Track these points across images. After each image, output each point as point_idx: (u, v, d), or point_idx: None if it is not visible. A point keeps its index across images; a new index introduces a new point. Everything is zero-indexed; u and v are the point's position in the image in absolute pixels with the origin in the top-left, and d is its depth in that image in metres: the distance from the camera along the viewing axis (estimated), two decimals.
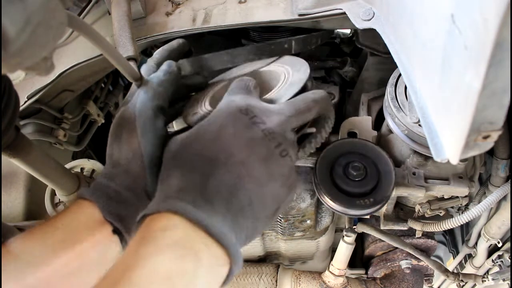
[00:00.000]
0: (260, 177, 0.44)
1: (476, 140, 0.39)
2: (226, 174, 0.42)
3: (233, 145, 0.44)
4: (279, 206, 0.46)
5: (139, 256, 0.35)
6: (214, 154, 0.43)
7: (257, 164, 0.44)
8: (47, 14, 0.34)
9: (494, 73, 0.32)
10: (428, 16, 0.43)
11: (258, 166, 0.44)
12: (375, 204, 0.60)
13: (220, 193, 0.41)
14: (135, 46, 0.62)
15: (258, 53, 0.69)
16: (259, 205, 0.43)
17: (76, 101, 0.93)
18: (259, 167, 0.44)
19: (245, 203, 0.42)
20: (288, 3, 0.69)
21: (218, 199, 0.41)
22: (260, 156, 0.44)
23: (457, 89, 0.38)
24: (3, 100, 0.44)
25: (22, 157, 0.52)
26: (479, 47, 0.31)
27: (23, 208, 0.76)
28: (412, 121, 0.60)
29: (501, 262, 0.82)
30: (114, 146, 0.52)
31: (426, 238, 0.98)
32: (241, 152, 0.43)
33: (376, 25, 0.58)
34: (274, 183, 0.44)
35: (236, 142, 0.44)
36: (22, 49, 0.33)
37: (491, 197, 0.67)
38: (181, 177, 0.42)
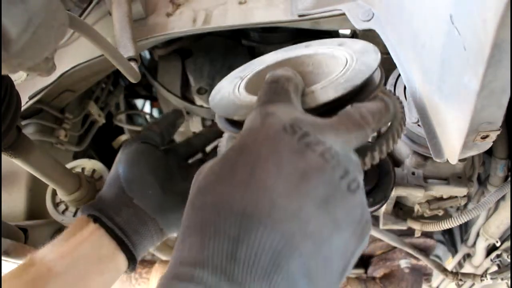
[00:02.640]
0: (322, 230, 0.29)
1: (475, 140, 0.39)
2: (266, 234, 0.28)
3: (276, 187, 0.29)
4: (348, 263, 0.31)
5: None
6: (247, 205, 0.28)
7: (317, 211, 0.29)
8: (49, 15, 0.35)
9: (493, 74, 0.32)
10: (427, 16, 0.43)
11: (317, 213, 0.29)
12: (375, 204, 0.60)
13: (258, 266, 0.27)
14: (135, 46, 0.62)
15: None
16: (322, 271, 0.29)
17: (77, 101, 0.93)
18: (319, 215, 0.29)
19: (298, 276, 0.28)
20: (288, 4, 0.69)
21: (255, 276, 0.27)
22: (319, 198, 0.29)
23: (456, 90, 0.38)
24: (4, 101, 0.44)
25: (23, 157, 0.52)
26: (478, 47, 0.32)
27: (24, 207, 0.76)
28: (411, 121, 0.61)
29: (500, 262, 0.82)
30: None
31: (425, 237, 0.98)
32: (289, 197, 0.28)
33: (376, 26, 0.58)
34: (341, 233, 0.30)
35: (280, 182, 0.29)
36: (23, 49, 0.33)
37: (490, 196, 0.67)
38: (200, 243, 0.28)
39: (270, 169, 0.29)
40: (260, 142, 0.31)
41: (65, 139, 0.85)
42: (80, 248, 0.49)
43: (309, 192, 0.29)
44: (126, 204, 0.54)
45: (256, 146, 0.31)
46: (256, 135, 0.31)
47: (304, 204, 0.28)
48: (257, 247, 0.27)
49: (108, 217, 0.52)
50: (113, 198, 0.55)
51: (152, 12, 0.75)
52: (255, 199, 0.28)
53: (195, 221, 0.30)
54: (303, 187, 0.29)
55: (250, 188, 0.29)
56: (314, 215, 0.28)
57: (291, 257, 0.27)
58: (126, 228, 0.53)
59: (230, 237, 0.27)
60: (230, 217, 0.28)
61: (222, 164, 0.31)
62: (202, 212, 0.30)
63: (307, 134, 0.31)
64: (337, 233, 0.29)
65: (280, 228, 0.27)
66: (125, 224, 0.53)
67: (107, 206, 0.54)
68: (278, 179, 0.29)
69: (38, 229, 0.68)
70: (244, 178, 0.29)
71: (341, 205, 0.30)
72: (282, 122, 0.31)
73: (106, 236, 0.51)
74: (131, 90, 1.30)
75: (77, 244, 0.49)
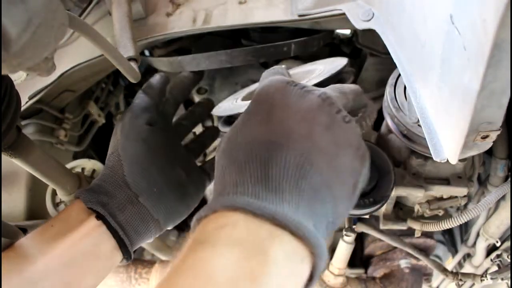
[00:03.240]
0: (330, 149, 0.36)
1: (475, 140, 0.39)
2: (290, 155, 0.35)
3: (290, 119, 0.37)
4: (357, 181, 0.38)
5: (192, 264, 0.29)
6: (270, 135, 0.36)
7: (322, 134, 0.37)
8: (49, 15, 0.35)
9: (493, 74, 0.32)
10: (427, 16, 0.43)
11: (324, 136, 0.37)
12: (375, 204, 0.60)
13: (287, 179, 0.34)
14: (135, 46, 0.62)
15: (256, 55, 0.69)
16: (335, 182, 0.36)
17: (77, 101, 0.93)
18: (325, 138, 0.37)
19: (318, 184, 0.35)
20: (288, 4, 0.69)
21: (286, 186, 0.33)
22: (323, 124, 0.37)
23: (456, 89, 0.38)
24: (4, 101, 0.44)
25: (23, 157, 0.52)
26: (478, 47, 0.32)
27: (24, 207, 0.76)
28: (411, 121, 0.61)
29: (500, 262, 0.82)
30: None
31: (425, 237, 0.98)
32: (300, 125, 0.37)
33: (376, 26, 0.58)
34: (345, 154, 0.37)
35: (292, 115, 0.37)
36: (23, 49, 0.33)
37: (490, 196, 0.67)
38: (237, 170, 0.35)
39: (283, 108, 0.38)
40: (272, 93, 0.40)
41: (65, 139, 0.85)
42: (79, 245, 0.48)
43: (314, 120, 0.37)
44: (131, 201, 0.52)
45: (269, 96, 0.39)
46: (267, 89, 0.40)
47: (312, 129, 0.36)
48: (283, 163, 0.34)
49: (112, 214, 0.50)
50: (117, 191, 0.52)
51: (152, 12, 0.75)
52: (275, 130, 0.37)
53: (230, 160, 0.37)
54: (310, 117, 0.37)
55: (270, 123, 0.37)
56: (321, 137, 0.36)
57: (311, 170, 0.35)
58: (127, 228, 0.51)
59: (262, 161, 0.35)
60: (259, 146, 0.36)
61: (244, 116, 0.40)
62: (236, 151, 0.37)
63: (305, 86, 0.40)
64: (342, 152, 0.37)
65: (298, 147, 0.35)
66: (127, 223, 0.51)
67: (111, 201, 0.51)
68: (290, 114, 0.37)
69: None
70: (265, 117, 0.38)
71: (340, 131, 0.38)
72: (286, 80, 0.41)
73: (106, 233, 0.50)
74: (131, 90, 1.30)
75: (77, 241, 0.48)
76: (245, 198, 0.32)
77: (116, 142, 0.57)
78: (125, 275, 0.95)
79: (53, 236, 0.48)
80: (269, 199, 0.32)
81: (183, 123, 0.70)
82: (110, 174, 0.54)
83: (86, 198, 0.51)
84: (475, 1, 0.31)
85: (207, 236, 0.30)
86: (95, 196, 0.51)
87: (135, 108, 0.60)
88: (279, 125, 0.37)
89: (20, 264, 0.44)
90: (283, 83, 0.40)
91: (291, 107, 0.38)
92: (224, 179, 0.36)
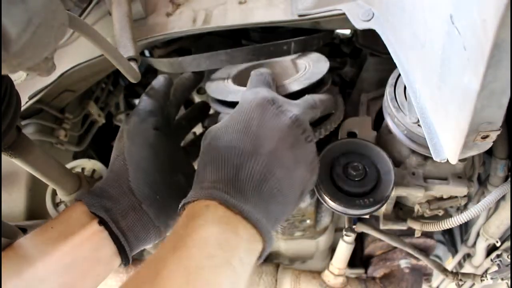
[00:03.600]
0: (288, 164, 0.46)
1: (475, 140, 0.39)
2: (256, 164, 0.45)
3: (262, 135, 0.46)
4: (304, 189, 0.49)
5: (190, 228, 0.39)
6: (244, 145, 0.46)
7: (286, 151, 0.46)
8: (49, 14, 0.35)
9: (493, 74, 0.32)
10: (427, 16, 0.43)
11: (286, 153, 0.46)
12: (375, 204, 0.60)
13: (251, 183, 0.44)
14: (135, 46, 0.62)
15: (257, 54, 0.69)
16: (288, 190, 0.46)
17: (77, 101, 0.93)
18: (287, 155, 0.46)
19: (275, 191, 0.45)
20: (288, 4, 0.69)
21: (250, 189, 0.44)
22: (287, 143, 0.47)
23: (456, 90, 0.38)
24: (4, 101, 0.44)
25: (23, 157, 0.52)
26: (478, 47, 0.32)
27: (24, 207, 0.76)
28: (411, 121, 0.61)
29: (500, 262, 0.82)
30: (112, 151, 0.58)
31: (425, 237, 0.98)
32: (270, 141, 0.46)
33: (376, 26, 0.58)
34: (300, 168, 0.48)
35: (265, 131, 0.47)
36: (23, 49, 0.33)
37: (490, 196, 0.67)
38: (215, 170, 0.45)
39: (259, 123, 0.47)
40: (253, 107, 0.48)
41: (65, 139, 0.85)
42: (80, 249, 0.47)
43: (282, 139, 0.47)
44: (134, 208, 0.52)
45: (250, 110, 0.48)
46: (250, 103, 0.49)
47: (278, 146, 0.46)
48: (250, 170, 0.44)
49: (114, 220, 0.50)
50: (121, 197, 0.52)
51: (152, 12, 0.75)
52: (249, 141, 0.46)
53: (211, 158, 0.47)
54: (278, 136, 0.46)
55: (246, 134, 0.46)
56: (285, 154, 0.46)
57: (271, 178, 0.45)
58: (128, 234, 0.51)
59: (234, 165, 0.45)
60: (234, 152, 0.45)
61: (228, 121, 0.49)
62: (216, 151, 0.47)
63: (282, 106, 0.49)
64: (298, 167, 0.47)
65: (264, 159, 0.45)
66: (129, 229, 0.51)
67: (115, 206, 0.51)
68: (263, 130, 0.47)
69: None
70: (243, 128, 0.47)
71: (301, 150, 0.48)
72: (267, 97, 0.50)
73: (108, 239, 0.50)
74: (131, 90, 1.30)
75: (78, 245, 0.47)
76: (220, 193, 0.42)
77: (121, 146, 0.57)
78: (125, 275, 0.95)
79: (54, 238, 0.47)
80: (237, 198, 0.42)
81: (183, 123, 0.71)
82: (114, 178, 0.53)
83: (89, 202, 0.50)
84: (475, 1, 0.31)
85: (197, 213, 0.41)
86: (98, 200, 0.51)
87: (141, 112, 0.60)
88: (253, 138, 0.46)
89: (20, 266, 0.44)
90: (264, 100, 0.49)
91: (266, 124, 0.47)
92: (205, 172, 0.46)
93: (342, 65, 0.97)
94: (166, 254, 0.38)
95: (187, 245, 0.38)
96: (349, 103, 0.90)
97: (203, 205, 0.41)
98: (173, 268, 0.36)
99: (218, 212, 0.41)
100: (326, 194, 0.61)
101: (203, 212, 0.41)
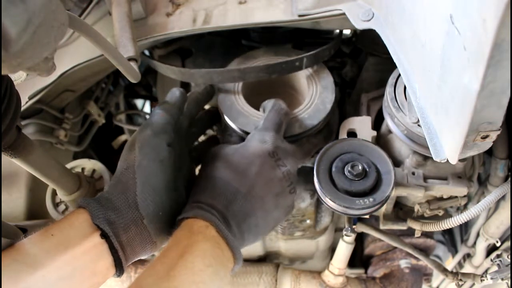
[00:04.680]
0: (269, 208, 0.57)
1: (475, 140, 0.39)
2: (244, 204, 0.55)
3: (256, 181, 0.56)
4: (276, 225, 0.61)
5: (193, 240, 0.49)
6: (239, 186, 0.56)
7: (271, 198, 0.57)
8: (49, 15, 0.35)
9: (493, 74, 0.32)
10: (427, 16, 0.43)
11: (271, 200, 0.57)
12: (375, 204, 0.60)
13: (237, 217, 0.54)
14: (135, 46, 0.62)
15: (269, 72, 0.70)
16: (263, 226, 0.58)
17: (77, 101, 0.93)
18: (271, 201, 0.57)
19: (252, 226, 0.56)
20: (288, 4, 0.69)
21: (234, 222, 0.54)
22: (274, 192, 0.58)
23: (456, 90, 0.38)
24: (4, 101, 0.44)
25: (23, 157, 0.52)
26: (478, 47, 0.32)
27: (24, 208, 0.76)
28: (411, 121, 0.61)
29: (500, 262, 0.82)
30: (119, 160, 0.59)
31: (425, 237, 0.98)
32: (261, 188, 0.57)
33: (376, 26, 0.58)
34: (278, 212, 0.59)
35: (260, 180, 0.57)
36: (23, 49, 0.33)
37: (490, 196, 0.67)
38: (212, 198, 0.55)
39: (256, 171, 0.57)
40: (256, 157, 0.59)
41: (65, 139, 0.85)
42: (79, 260, 0.47)
43: (271, 189, 0.58)
44: (135, 223, 0.52)
45: (252, 157, 0.59)
46: (254, 152, 0.60)
47: (267, 194, 0.57)
48: (239, 207, 0.55)
49: (116, 234, 0.50)
50: (125, 210, 0.52)
51: (152, 12, 0.75)
52: (244, 183, 0.56)
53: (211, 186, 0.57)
54: (269, 186, 0.58)
55: (243, 177, 0.57)
56: (270, 201, 0.57)
57: (252, 217, 0.56)
58: (127, 248, 0.51)
59: (228, 199, 0.55)
60: (230, 188, 0.56)
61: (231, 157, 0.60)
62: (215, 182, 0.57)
63: (280, 159, 0.60)
64: (277, 210, 0.59)
65: (251, 201, 0.56)
66: (128, 243, 0.51)
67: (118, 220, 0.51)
68: (259, 178, 0.57)
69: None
70: (241, 172, 0.57)
71: (284, 198, 0.59)
72: (270, 149, 0.60)
73: (107, 252, 0.50)
74: (131, 90, 1.30)
75: (78, 256, 0.47)
76: (215, 219, 0.52)
77: (132, 158, 0.56)
78: (125, 275, 0.95)
79: (54, 246, 0.47)
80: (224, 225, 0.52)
81: (192, 130, 0.72)
82: (122, 190, 0.53)
83: (94, 213, 0.50)
84: (475, 1, 0.31)
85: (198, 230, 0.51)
86: (102, 212, 0.50)
87: (155, 126, 0.59)
88: (248, 181, 0.56)
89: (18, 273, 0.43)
90: (266, 153, 0.59)
91: (262, 174, 0.57)
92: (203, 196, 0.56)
93: (342, 65, 0.97)
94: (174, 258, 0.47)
95: (192, 253, 0.47)
96: (349, 103, 0.90)
97: (203, 224, 0.51)
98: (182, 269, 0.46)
99: (212, 232, 0.51)
100: (326, 194, 0.61)
101: (203, 230, 0.50)
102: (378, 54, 0.87)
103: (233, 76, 0.71)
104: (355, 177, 0.61)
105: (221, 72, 0.70)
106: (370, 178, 0.61)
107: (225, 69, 0.71)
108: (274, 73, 0.71)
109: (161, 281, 0.44)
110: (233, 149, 0.61)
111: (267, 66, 0.70)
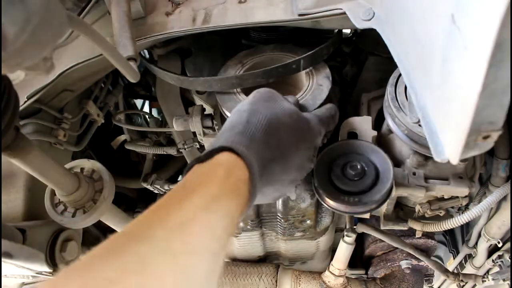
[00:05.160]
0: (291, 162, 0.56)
1: (476, 140, 0.39)
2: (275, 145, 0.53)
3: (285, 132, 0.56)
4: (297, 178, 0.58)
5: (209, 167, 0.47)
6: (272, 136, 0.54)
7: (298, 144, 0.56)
8: (47, 14, 0.34)
9: (494, 74, 0.32)
10: (428, 16, 0.43)
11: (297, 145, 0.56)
12: (375, 204, 0.60)
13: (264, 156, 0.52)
14: (135, 46, 0.62)
15: (266, 77, 0.70)
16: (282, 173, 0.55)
17: (76, 101, 0.93)
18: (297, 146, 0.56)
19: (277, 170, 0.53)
20: (288, 3, 0.69)
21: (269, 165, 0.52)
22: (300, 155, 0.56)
23: (457, 89, 0.38)
24: (3, 100, 0.44)
25: (22, 157, 0.51)
26: (479, 47, 0.31)
27: (22, 208, 0.76)
28: (412, 121, 0.60)
29: (501, 262, 0.82)
30: None
31: (426, 238, 0.98)
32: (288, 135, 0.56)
33: (376, 25, 0.58)
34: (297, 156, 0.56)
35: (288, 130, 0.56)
36: (22, 49, 0.33)
37: (491, 197, 0.66)
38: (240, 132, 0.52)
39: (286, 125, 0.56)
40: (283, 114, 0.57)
41: (64, 139, 0.84)
42: None
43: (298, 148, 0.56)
44: None
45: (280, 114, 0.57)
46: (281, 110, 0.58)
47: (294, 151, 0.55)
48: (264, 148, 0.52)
49: None
50: None
51: (151, 11, 0.75)
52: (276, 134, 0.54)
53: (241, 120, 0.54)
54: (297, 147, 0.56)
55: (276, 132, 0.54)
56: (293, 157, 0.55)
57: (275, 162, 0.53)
58: None
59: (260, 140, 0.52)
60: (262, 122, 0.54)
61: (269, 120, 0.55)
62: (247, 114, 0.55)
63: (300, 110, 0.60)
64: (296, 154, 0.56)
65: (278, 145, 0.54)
66: None
67: None
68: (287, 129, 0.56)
69: (36, 229, 0.68)
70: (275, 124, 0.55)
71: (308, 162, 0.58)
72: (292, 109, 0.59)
73: None
74: (130, 89, 1.30)
75: None
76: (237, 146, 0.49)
77: None
78: None
79: None
80: None
81: None
82: None
83: None
84: (476, 1, 0.31)
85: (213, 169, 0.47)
86: None
87: None
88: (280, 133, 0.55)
89: None
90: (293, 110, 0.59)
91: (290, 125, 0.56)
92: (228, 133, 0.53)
93: (343, 64, 0.97)
94: None
95: None
96: (349, 103, 0.90)
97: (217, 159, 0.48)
98: None
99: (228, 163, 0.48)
100: (325, 194, 0.61)
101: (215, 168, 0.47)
102: (378, 54, 0.87)
103: (231, 83, 0.71)
104: (354, 177, 0.60)
105: (220, 79, 0.71)
106: (368, 177, 0.61)
107: (223, 77, 0.72)
108: (271, 78, 0.71)
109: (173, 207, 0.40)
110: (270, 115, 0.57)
111: (264, 71, 0.70)
